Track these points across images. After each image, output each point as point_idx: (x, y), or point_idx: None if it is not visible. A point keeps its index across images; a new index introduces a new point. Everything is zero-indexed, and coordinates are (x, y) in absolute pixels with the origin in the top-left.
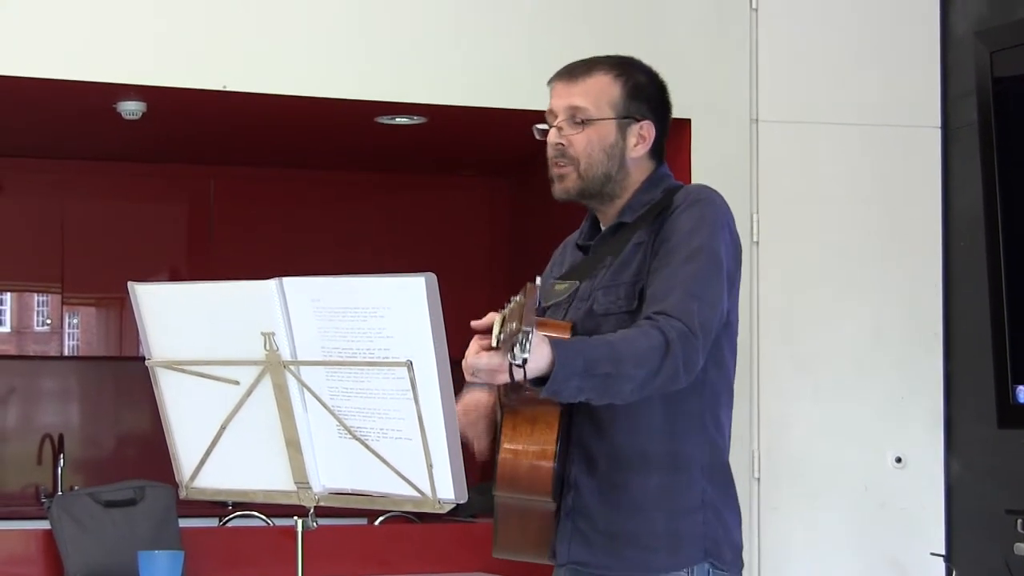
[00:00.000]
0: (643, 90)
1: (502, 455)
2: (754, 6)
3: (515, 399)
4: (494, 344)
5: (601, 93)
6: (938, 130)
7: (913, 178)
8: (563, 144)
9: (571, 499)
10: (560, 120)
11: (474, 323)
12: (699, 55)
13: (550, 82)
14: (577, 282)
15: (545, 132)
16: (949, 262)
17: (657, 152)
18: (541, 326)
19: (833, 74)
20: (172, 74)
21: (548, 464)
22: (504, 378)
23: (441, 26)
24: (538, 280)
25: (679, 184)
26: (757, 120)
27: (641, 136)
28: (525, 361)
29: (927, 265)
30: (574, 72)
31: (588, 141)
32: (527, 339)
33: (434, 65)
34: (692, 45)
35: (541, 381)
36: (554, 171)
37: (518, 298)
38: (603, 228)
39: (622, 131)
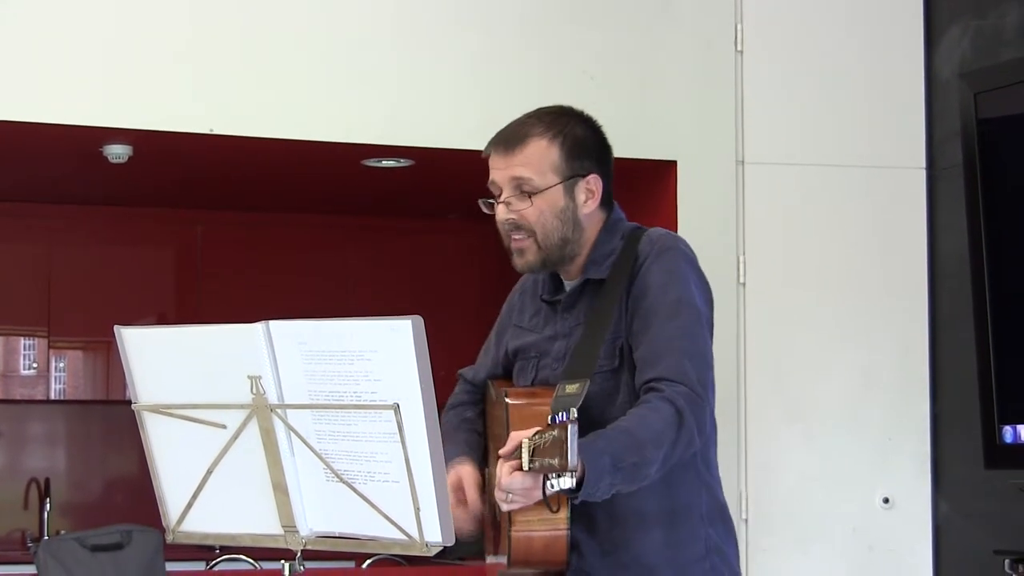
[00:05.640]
0: (582, 143)
1: (515, 532)
2: (739, 48)
3: None
4: (525, 468)
5: (542, 159)
6: (923, 171)
7: (899, 220)
8: (515, 219)
9: (573, 560)
10: (506, 195)
11: (503, 451)
12: (685, 98)
13: (485, 151)
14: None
15: (491, 206)
16: (935, 303)
17: (607, 200)
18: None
19: (818, 116)
20: (159, 118)
21: (563, 534)
22: (538, 496)
23: (428, 69)
24: (574, 413)
25: (636, 227)
26: (743, 162)
27: (590, 191)
28: (556, 490)
29: (913, 307)
30: (509, 142)
31: (540, 212)
32: (572, 477)
33: (421, 108)
34: (678, 88)
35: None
36: (511, 244)
37: (555, 433)
38: (565, 281)
39: (570, 192)
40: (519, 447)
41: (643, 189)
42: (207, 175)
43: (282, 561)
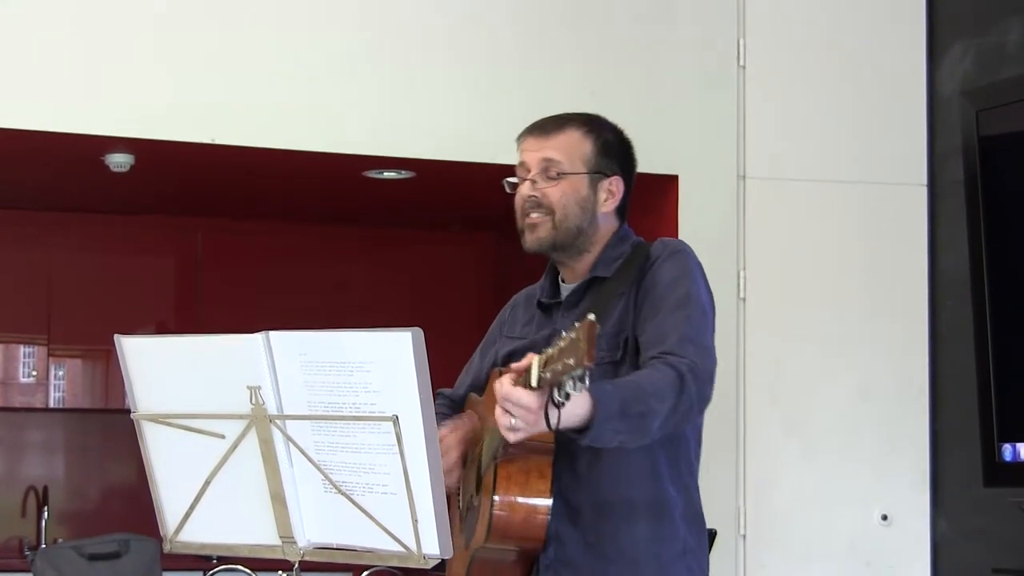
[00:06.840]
0: (612, 147)
1: (497, 508)
2: (742, 64)
3: (511, 451)
4: (534, 384)
5: (574, 148)
6: (924, 188)
7: (899, 236)
8: (537, 196)
9: (552, 551)
10: (534, 173)
11: (514, 365)
12: (687, 112)
13: (520, 137)
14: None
15: (515, 186)
16: (935, 320)
17: (622, 210)
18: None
19: (820, 132)
20: (160, 127)
21: (543, 516)
22: (538, 423)
23: (429, 81)
24: (592, 316)
25: (644, 240)
26: (744, 177)
27: (611, 191)
28: (565, 400)
29: (913, 323)
30: (546, 127)
31: (563, 193)
32: (584, 376)
33: (422, 120)
34: (680, 102)
35: (576, 428)
36: (525, 222)
37: (572, 335)
38: (564, 283)
39: (593, 186)
40: (530, 367)
41: (644, 203)
42: (208, 185)
43: (279, 572)
